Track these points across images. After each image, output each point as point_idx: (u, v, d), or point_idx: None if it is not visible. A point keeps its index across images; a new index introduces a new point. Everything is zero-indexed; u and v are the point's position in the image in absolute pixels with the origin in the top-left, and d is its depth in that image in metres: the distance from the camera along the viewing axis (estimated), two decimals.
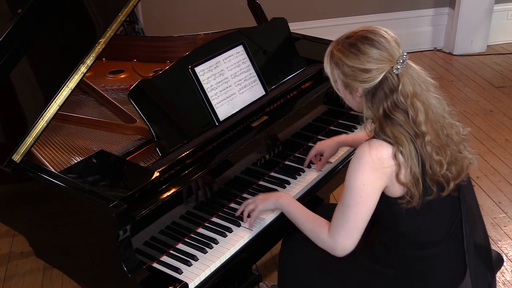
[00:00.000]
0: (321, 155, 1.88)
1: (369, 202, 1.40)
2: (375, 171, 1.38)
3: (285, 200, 1.61)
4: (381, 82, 1.37)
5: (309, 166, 1.89)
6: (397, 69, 1.36)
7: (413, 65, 1.42)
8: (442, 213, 1.48)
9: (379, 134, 1.39)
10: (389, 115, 1.37)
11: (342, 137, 1.91)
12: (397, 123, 1.37)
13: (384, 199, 1.43)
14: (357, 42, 1.38)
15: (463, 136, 1.46)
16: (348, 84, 1.42)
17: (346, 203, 1.42)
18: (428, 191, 1.40)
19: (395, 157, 1.37)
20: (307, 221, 1.55)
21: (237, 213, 1.66)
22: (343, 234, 1.44)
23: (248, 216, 1.63)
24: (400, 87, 1.36)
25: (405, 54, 1.38)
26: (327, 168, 1.89)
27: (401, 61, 1.37)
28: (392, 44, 1.38)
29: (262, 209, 1.64)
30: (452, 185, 1.42)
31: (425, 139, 1.37)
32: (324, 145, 1.88)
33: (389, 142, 1.37)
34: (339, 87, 1.48)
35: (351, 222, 1.42)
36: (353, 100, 1.47)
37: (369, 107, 1.40)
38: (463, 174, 1.46)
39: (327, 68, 1.47)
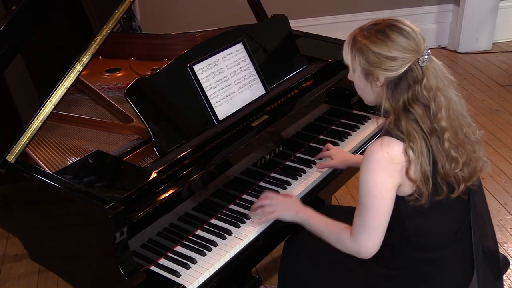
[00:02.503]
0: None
1: (385, 201, 1.39)
2: (386, 169, 1.36)
3: (306, 214, 1.58)
4: (405, 73, 1.35)
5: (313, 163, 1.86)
6: (423, 61, 1.35)
7: (436, 60, 1.40)
8: (450, 215, 1.47)
9: (392, 129, 1.37)
10: (407, 107, 1.35)
11: (356, 159, 1.86)
12: (413, 118, 1.35)
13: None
14: (386, 29, 1.36)
15: (478, 138, 1.45)
16: (370, 72, 1.39)
17: (362, 204, 1.41)
18: (438, 191, 1.38)
19: (405, 152, 1.35)
20: (330, 230, 1.52)
21: (253, 208, 1.62)
22: (365, 236, 1.42)
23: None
24: (424, 81, 1.35)
25: (429, 48, 1.37)
26: (329, 169, 1.86)
27: (426, 54, 1.35)
28: (419, 37, 1.38)
29: (280, 218, 1.61)
30: (462, 186, 1.40)
31: (444, 136, 1.35)
32: (339, 155, 1.85)
33: (400, 139, 1.35)
34: (357, 77, 1.44)
35: (369, 223, 1.41)
36: (371, 91, 1.44)
37: (389, 98, 1.37)
38: (475, 176, 1.44)
39: (348, 55, 1.43)
